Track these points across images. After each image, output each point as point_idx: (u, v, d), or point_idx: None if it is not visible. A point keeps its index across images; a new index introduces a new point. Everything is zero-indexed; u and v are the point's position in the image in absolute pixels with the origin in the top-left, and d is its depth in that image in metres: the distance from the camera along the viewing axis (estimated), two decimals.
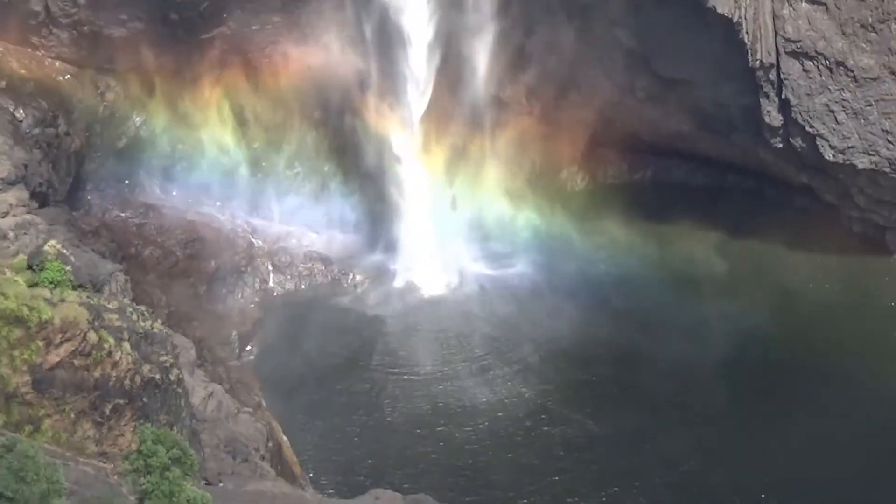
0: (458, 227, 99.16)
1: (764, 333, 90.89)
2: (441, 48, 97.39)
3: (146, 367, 74.76)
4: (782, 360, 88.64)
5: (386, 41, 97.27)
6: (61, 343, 72.71)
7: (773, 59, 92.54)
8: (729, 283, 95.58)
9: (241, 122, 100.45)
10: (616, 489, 79.85)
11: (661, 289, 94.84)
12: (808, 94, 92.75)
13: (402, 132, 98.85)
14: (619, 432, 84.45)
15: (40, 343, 71.76)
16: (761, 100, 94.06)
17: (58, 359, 72.05)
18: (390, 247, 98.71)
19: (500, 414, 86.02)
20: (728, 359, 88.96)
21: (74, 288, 78.61)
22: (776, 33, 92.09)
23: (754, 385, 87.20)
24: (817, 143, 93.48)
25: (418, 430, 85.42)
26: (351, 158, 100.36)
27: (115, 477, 60.22)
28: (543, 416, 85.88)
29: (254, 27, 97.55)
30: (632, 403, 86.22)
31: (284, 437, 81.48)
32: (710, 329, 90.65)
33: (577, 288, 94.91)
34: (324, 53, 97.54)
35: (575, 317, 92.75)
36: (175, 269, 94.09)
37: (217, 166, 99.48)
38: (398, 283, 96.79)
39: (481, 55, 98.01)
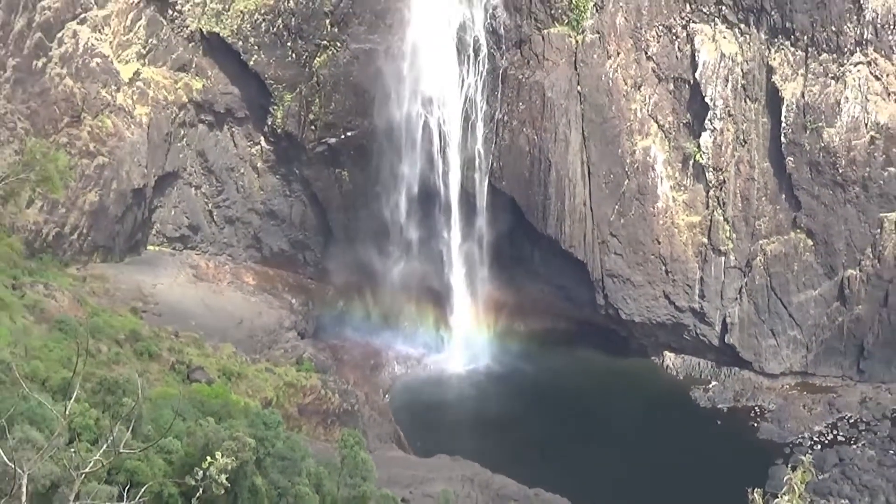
0: (471, 346, 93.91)
1: (578, 388, 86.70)
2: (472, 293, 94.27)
3: (345, 404, 73.33)
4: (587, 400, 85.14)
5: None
6: (310, 394, 71.45)
7: (599, 276, 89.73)
8: (574, 368, 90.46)
9: (382, 309, 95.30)
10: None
11: (558, 372, 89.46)
12: (615, 292, 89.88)
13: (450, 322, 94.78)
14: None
15: (301, 394, 70.63)
16: (595, 294, 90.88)
17: (308, 400, 70.66)
18: (444, 354, 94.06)
19: (501, 416, 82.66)
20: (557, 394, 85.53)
21: (315, 372, 77.71)
22: (602, 266, 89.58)
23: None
24: (619, 312, 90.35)
25: (464, 428, 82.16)
26: (427, 323, 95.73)
27: (333, 451, 59.23)
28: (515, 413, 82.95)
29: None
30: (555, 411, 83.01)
31: (401, 431, 78.81)
32: (553, 379, 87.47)
33: (521, 368, 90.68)
34: (410, 276, 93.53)
35: (514, 378, 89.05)
36: (357, 364, 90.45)
37: (373, 324, 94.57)
38: (448, 368, 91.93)
39: (481, 290, 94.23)
